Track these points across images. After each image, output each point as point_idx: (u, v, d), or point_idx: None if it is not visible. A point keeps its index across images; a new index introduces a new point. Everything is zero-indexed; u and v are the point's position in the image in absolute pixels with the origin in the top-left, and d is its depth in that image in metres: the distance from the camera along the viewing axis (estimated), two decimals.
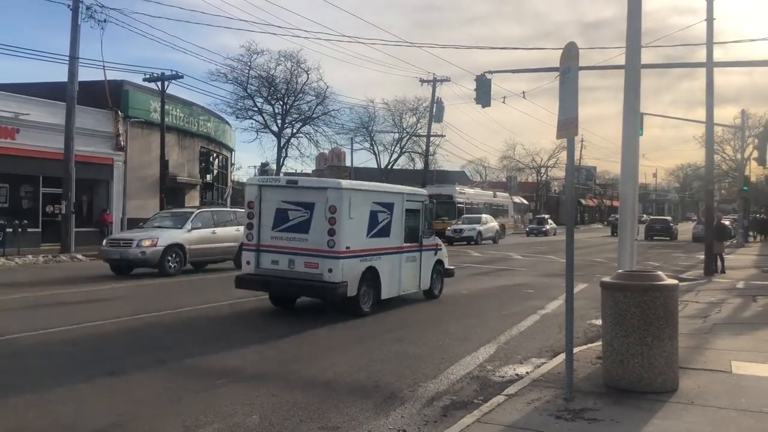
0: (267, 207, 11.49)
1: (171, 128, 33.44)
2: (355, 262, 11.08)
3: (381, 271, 11.70)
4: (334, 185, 11.24)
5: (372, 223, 11.62)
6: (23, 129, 26.13)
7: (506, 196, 56.12)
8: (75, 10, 24.80)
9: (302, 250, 11.08)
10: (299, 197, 11.35)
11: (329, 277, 10.74)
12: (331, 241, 10.73)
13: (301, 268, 11.07)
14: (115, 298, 13.51)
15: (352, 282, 10.95)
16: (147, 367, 7.50)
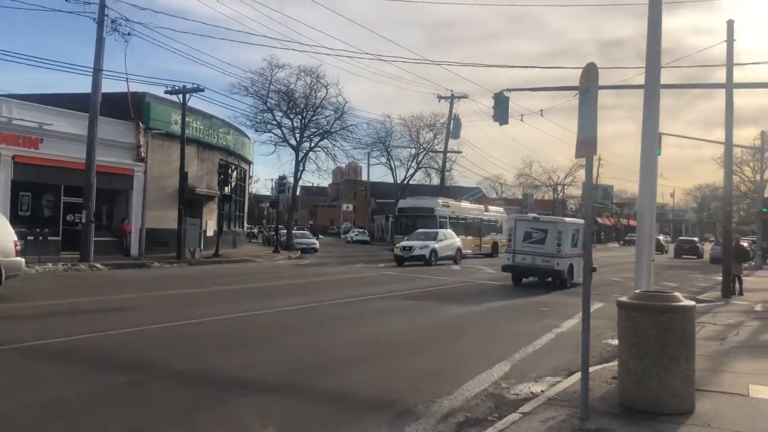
0: (519, 230, 21.84)
1: (191, 140, 33.80)
2: (567, 260, 21.16)
3: (574, 266, 21.39)
4: (560, 221, 23.40)
5: (573, 240, 21.49)
6: (47, 139, 26.58)
7: (500, 211, 49.78)
8: (100, 23, 25.29)
9: (540, 253, 21.24)
10: (538, 226, 21.86)
11: (556, 267, 21.09)
12: (558, 249, 20.99)
13: (538, 263, 21.32)
14: (134, 308, 13.64)
15: (565, 270, 21.14)
16: (164, 377, 7.59)
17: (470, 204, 47.14)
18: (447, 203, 41.54)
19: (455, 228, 38.67)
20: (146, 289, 17.31)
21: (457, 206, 42.96)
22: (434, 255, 31.88)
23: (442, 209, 39.68)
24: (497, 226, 46.44)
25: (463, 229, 40.36)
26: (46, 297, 14.87)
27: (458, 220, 41.03)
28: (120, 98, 29.42)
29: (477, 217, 44.44)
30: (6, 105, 26.18)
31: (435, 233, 33.81)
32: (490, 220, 46.10)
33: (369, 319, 13.28)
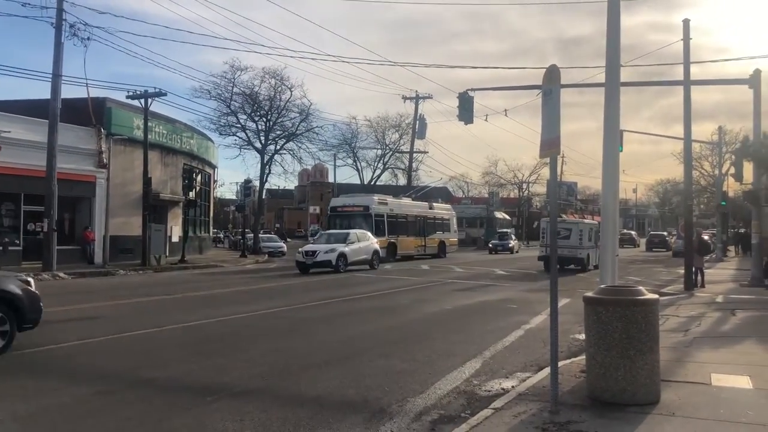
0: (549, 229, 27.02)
1: (154, 145, 33.39)
2: (586, 251, 27.59)
3: (591, 255, 27.13)
4: (581, 222, 31.00)
5: (589, 236, 27.77)
6: (5, 147, 25.93)
7: (447, 208, 47.75)
8: (58, 28, 24.86)
9: (567, 246, 26.90)
10: (565, 226, 28.28)
11: (579, 255, 27.64)
12: (580, 242, 27.66)
13: (565, 253, 26.45)
14: (101, 317, 13.46)
15: (585, 258, 27.69)
16: (135, 384, 7.53)
17: (412, 201, 44.15)
18: (384, 200, 38.51)
19: (395, 227, 37.49)
20: (112, 298, 17.07)
21: (397, 204, 40.08)
22: (343, 260, 27.51)
23: (378, 207, 36.64)
24: (444, 224, 44.69)
25: (404, 228, 38.77)
26: None
27: (398, 219, 38.50)
28: (80, 104, 28.91)
29: (421, 214, 41.79)
30: None
31: (345, 234, 29.34)
32: (437, 218, 43.85)
33: (339, 321, 13.31)
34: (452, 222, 46.05)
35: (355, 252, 28.68)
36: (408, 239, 38.32)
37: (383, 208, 37.02)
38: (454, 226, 46.84)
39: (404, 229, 38.46)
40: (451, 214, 46.19)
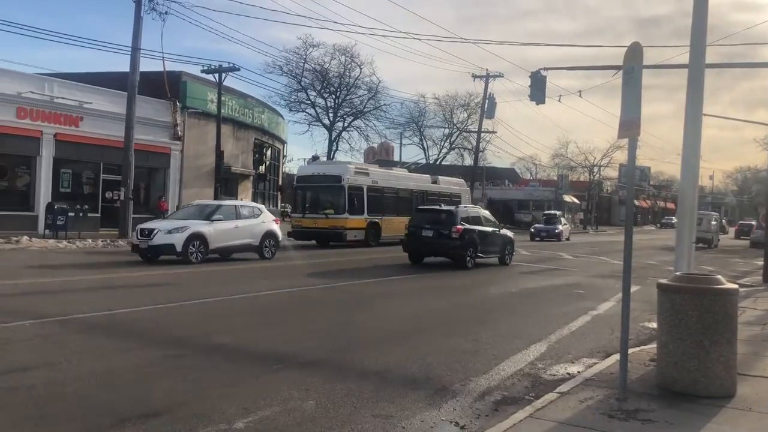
0: None
1: (226, 119, 34.12)
2: None
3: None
4: None
5: None
6: (87, 117, 27.07)
7: (458, 182, 38.87)
8: (138, 2, 25.55)
9: None
10: None
11: None
12: None
13: None
14: (173, 284, 13.94)
15: None
16: (204, 349, 7.76)
17: (407, 173, 36.06)
18: (364, 170, 30.81)
19: (379, 204, 29.86)
20: (183, 266, 17.61)
21: (383, 175, 31.98)
22: (196, 244, 18.31)
23: (354, 178, 28.75)
24: (452, 201, 33.58)
25: (393, 206, 30.85)
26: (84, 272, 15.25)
27: (384, 194, 30.64)
28: (157, 77, 29.81)
29: (419, 189, 33.19)
30: (48, 84, 26.73)
31: (215, 207, 20.31)
32: (442, 195, 33.94)
33: (403, 299, 13.36)
34: (464, 199, 36.89)
35: (224, 234, 19.32)
36: (398, 219, 29.04)
37: (362, 179, 29.22)
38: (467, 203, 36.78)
39: (393, 206, 30.75)
40: (462, 190, 37.85)
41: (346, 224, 27.67)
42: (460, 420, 5.57)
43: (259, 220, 21.23)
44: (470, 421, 5.59)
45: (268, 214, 22.16)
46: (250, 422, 5.24)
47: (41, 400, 5.55)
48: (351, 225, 27.81)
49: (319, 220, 27.98)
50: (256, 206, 22.93)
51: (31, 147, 25.82)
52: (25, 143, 25.60)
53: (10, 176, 26.04)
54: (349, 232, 27.70)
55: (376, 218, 29.39)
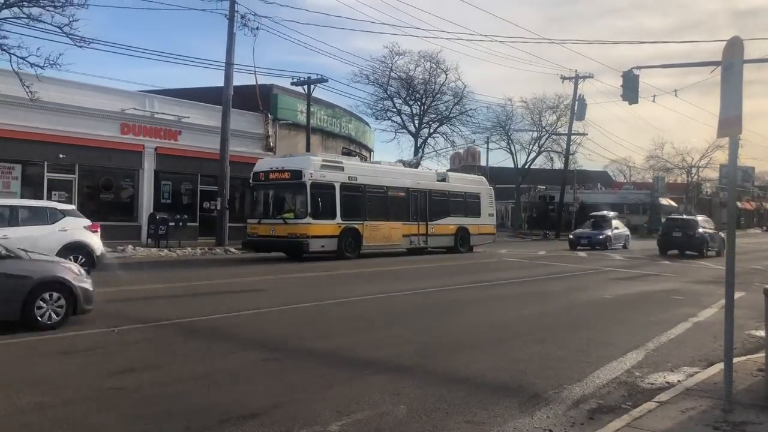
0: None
1: (315, 129, 34.89)
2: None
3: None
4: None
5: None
6: (185, 131, 28.38)
7: (477, 180, 33.24)
8: (231, 19, 26.55)
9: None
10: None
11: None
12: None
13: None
14: (268, 290, 14.38)
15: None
16: (299, 353, 7.97)
17: (401, 168, 28.66)
18: (337, 164, 24.17)
19: (360, 206, 24.16)
20: (278, 272, 18.16)
21: (367, 170, 25.71)
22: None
23: (321, 173, 22.73)
24: (470, 203, 29.90)
25: (382, 208, 25.29)
26: (185, 279, 15.96)
27: (368, 193, 24.66)
28: (249, 91, 30.85)
29: (418, 188, 27.14)
30: (149, 100, 28.22)
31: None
32: (453, 195, 28.96)
33: (490, 304, 13.24)
34: (485, 201, 30.91)
35: None
36: (387, 225, 25.03)
37: (333, 174, 23.27)
38: (488, 206, 31.36)
39: (380, 208, 25.21)
40: (482, 189, 31.21)
41: (309, 231, 21.82)
42: (554, 428, 5.48)
43: (56, 227, 15.08)
44: (564, 429, 5.48)
45: (75, 220, 15.84)
46: (344, 425, 5.34)
47: (147, 400, 5.86)
48: (315, 232, 22.01)
49: (277, 227, 22.28)
50: (52, 207, 16.14)
51: (134, 161, 27.31)
52: (129, 157, 27.08)
53: (116, 189, 27.60)
54: (312, 241, 21.91)
55: (354, 223, 23.55)
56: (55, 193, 24.64)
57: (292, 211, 22.69)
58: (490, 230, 31.21)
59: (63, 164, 24.61)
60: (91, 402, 5.71)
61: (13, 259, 8.94)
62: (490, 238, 31.59)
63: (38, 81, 20.56)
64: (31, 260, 9.31)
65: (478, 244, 30.20)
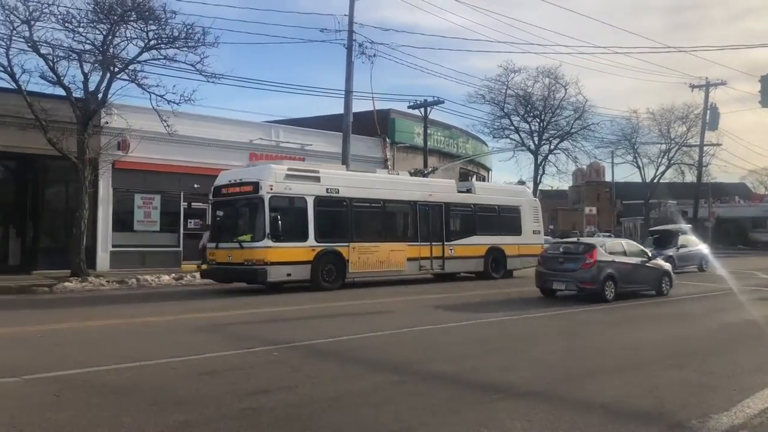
0: None
1: (432, 151, 35.13)
2: None
3: None
4: None
5: None
6: (308, 158, 29.39)
7: (514, 192, 28.36)
8: (349, 48, 27.37)
9: None
10: None
11: None
12: None
13: None
14: (392, 312, 14.54)
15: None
16: (425, 377, 7.96)
17: (406, 177, 23.85)
18: (310, 173, 19.89)
19: (344, 223, 20.34)
20: (394, 294, 18.33)
21: (354, 180, 21.21)
22: None
23: (286, 184, 18.75)
24: (505, 219, 25.25)
25: (376, 226, 21.50)
26: (311, 301, 16.45)
27: (355, 209, 20.64)
28: (367, 116, 31.64)
29: (427, 201, 22.81)
30: (274, 130, 29.64)
31: None
32: (479, 208, 24.58)
33: (622, 326, 12.66)
34: (528, 215, 26.07)
35: None
36: (383, 247, 20.90)
37: (302, 186, 19.17)
38: (532, 222, 26.34)
39: (373, 226, 21.48)
40: (523, 201, 26.40)
41: (267, 257, 17.94)
42: None
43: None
44: None
45: None
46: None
47: (281, 420, 6.05)
48: (277, 258, 18.06)
49: (234, 252, 18.54)
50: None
51: None
52: None
53: None
54: (272, 269, 17.97)
55: (337, 245, 19.60)
56: (190, 221, 26.32)
57: (250, 232, 18.69)
58: (536, 251, 23.80)
59: (198, 193, 26.19)
60: (231, 421, 5.97)
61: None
62: (535, 260, 23.41)
63: (174, 116, 22.16)
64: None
65: (519, 268, 25.10)
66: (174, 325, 12.40)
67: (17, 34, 20.15)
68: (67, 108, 21.63)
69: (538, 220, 26.69)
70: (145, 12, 21.34)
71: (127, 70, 21.66)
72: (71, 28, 20.82)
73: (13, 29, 20.10)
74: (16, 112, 21.53)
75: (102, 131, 23.54)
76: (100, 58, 21.31)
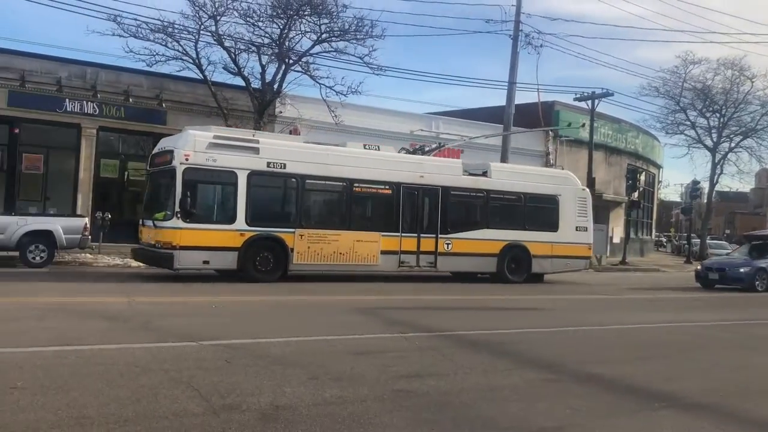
0: None
1: (598, 145, 33.73)
2: None
3: None
4: None
5: None
6: (467, 149, 29.39)
7: (554, 177, 22.90)
8: (515, 39, 26.97)
9: None
10: None
11: None
12: None
13: None
14: (548, 309, 14.22)
15: None
16: (580, 377, 7.70)
17: (380, 153, 19.33)
18: (246, 142, 16.74)
19: (293, 204, 17.52)
20: (559, 292, 17.85)
21: (309, 154, 17.54)
22: None
23: (208, 155, 15.91)
24: (529, 210, 20.82)
25: (339, 210, 18.45)
26: (462, 293, 16.46)
27: (308, 189, 17.54)
28: (530, 108, 30.98)
29: (416, 184, 18.87)
30: (434, 122, 29.90)
31: None
32: (494, 195, 20.25)
33: None
34: (568, 207, 21.28)
35: None
36: (344, 237, 17.57)
37: (234, 158, 16.27)
38: (575, 215, 21.41)
39: (333, 211, 18.67)
40: (563, 189, 21.48)
41: (175, 239, 15.48)
42: None
43: None
44: None
45: None
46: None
47: (433, 406, 6.13)
48: (188, 241, 15.53)
49: (151, 232, 16.62)
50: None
51: None
52: None
53: None
54: (182, 254, 15.52)
55: (276, 231, 16.73)
56: None
57: (164, 210, 16.22)
58: (578, 251, 21.00)
59: None
60: (384, 402, 6.15)
61: None
62: (579, 263, 21.71)
63: (342, 107, 23.06)
64: None
65: (553, 272, 21.22)
66: (338, 304, 12.95)
67: (204, 28, 22.01)
68: (245, 97, 23.29)
69: (586, 214, 21.58)
70: (319, 6, 22.40)
71: (301, 62, 22.88)
72: (252, 23, 22.42)
73: (201, 24, 21.97)
74: (202, 101, 23.50)
75: (276, 120, 25.02)
76: (277, 51, 22.69)
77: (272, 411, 5.61)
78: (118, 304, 11.47)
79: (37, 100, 21.76)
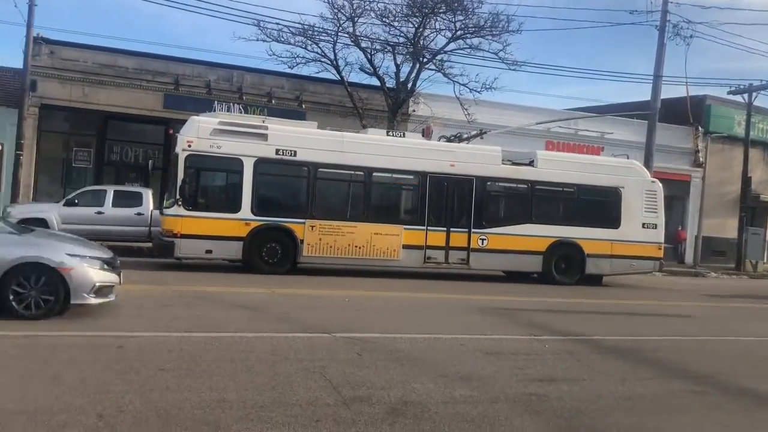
0: None
1: (755, 142, 31.07)
2: None
3: None
4: None
5: None
6: (607, 147, 28.12)
7: (616, 167, 19.08)
8: (662, 30, 25.48)
9: None
10: None
11: None
12: None
13: None
14: (693, 317, 13.36)
15: None
16: (730, 391, 7.13)
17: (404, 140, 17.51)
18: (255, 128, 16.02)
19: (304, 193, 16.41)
20: (701, 299, 16.69)
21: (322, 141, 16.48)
22: None
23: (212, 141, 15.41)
24: (583, 203, 18.37)
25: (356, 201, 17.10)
26: (583, 296, 15.77)
27: (320, 178, 16.32)
28: (677, 103, 29.14)
29: (446, 174, 17.09)
30: (573, 119, 28.82)
31: None
32: (539, 187, 17.89)
33: None
34: (633, 200, 18.49)
35: None
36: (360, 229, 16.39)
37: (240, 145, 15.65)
38: (641, 210, 18.59)
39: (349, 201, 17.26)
40: (627, 180, 18.66)
41: (176, 227, 15.12)
42: None
43: None
44: None
45: None
46: None
47: (566, 412, 5.90)
48: (190, 229, 15.10)
49: (162, 219, 16.48)
50: None
51: None
52: None
53: None
54: (184, 243, 15.11)
55: (285, 221, 15.91)
56: None
57: (171, 198, 16.00)
58: (644, 251, 18.45)
59: None
60: (515, 404, 6.00)
61: None
62: (647, 265, 18.89)
63: (475, 104, 22.85)
64: None
65: (613, 274, 18.57)
66: (463, 303, 12.82)
67: (342, 30, 22.60)
68: (379, 97, 23.65)
69: (656, 209, 18.81)
70: (454, 3, 22.32)
71: (434, 60, 22.91)
72: (387, 23, 22.71)
73: (339, 26, 22.57)
74: (339, 101, 24.16)
75: (409, 119, 25.22)
76: (411, 50, 22.86)
77: (401, 406, 5.64)
78: (259, 294, 12.03)
79: (189, 102, 23.25)
